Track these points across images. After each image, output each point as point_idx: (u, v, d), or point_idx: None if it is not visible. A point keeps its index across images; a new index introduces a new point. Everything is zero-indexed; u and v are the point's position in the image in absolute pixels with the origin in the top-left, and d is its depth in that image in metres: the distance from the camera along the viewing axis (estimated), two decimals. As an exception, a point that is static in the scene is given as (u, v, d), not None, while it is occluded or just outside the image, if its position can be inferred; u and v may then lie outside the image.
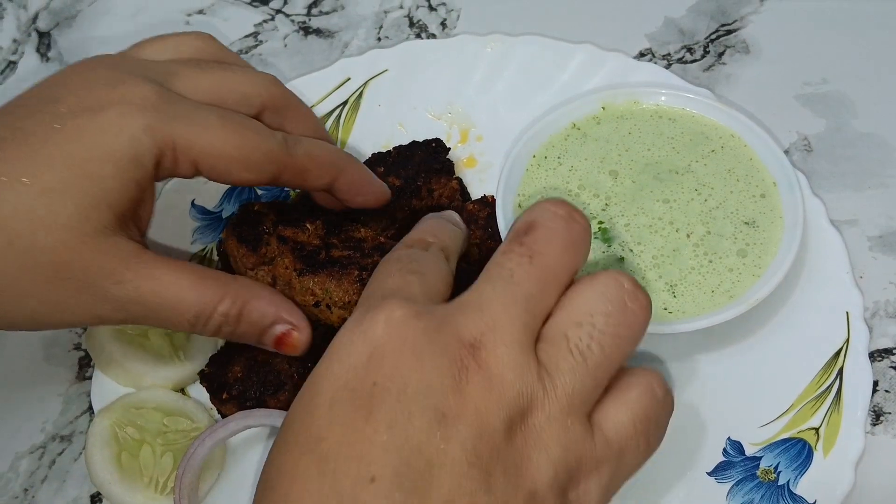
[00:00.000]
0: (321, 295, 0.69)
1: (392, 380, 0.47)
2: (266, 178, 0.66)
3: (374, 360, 0.48)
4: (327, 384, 0.49)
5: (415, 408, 0.45)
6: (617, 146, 0.81)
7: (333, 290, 0.69)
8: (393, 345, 0.48)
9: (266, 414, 0.72)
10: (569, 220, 0.53)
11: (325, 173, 0.69)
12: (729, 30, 0.97)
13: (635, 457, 0.53)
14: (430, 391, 0.46)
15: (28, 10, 1.06)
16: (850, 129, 0.89)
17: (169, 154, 0.61)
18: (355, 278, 0.69)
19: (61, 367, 0.81)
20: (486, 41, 0.92)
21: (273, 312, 0.66)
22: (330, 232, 0.74)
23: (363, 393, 0.47)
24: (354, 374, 0.48)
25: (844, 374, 0.73)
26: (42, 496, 0.75)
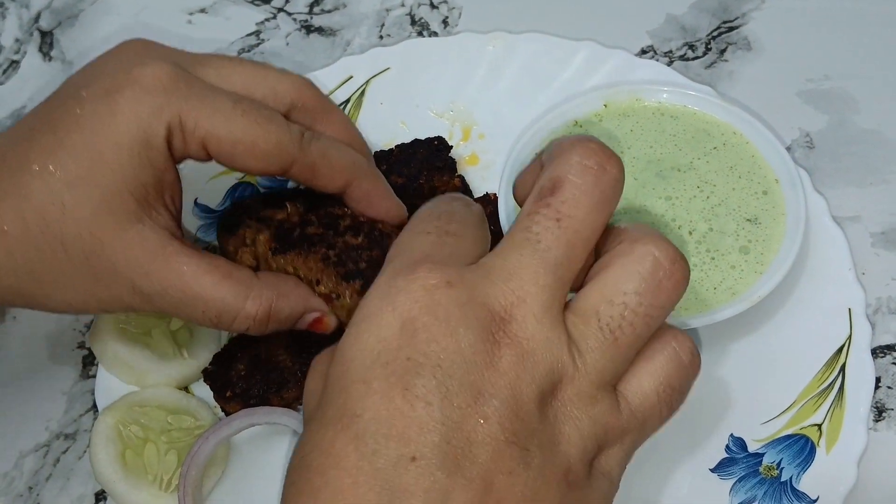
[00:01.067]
0: (293, 273, 0.68)
1: (426, 354, 0.46)
2: (275, 169, 0.65)
3: (406, 331, 0.47)
4: (359, 356, 0.48)
5: (452, 384, 0.45)
6: (619, 143, 0.81)
7: (301, 268, 0.68)
8: (425, 316, 0.47)
9: (270, 411, 0.72)
10: (599, 172, 0.50)
11: (337, 176, 0.68)
12: (731, 27, 0.97)
13: (656, 423, 0.54)
14: (465, 366, 0.46)
15: (30, 10, 1.06)
16: (853, 125, 0.89)
17: (178, 133, 0.61)
18: (321, 257, 0.68)
19: (65, 365, 0.81)
20: (488, 39, 0.92)
21: (301, 307, 0.66)
22: (311, 209, 0.72)
23: (397, 367, 0.46)
24: (386, 347, 0.47)
25: (847, 371, 0.73)
26: (46, 494, 0.75)
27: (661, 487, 0.70)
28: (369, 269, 0.67)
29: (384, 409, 0.45)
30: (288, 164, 0.65)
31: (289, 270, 0.68)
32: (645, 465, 0.71)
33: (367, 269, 0.67)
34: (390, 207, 0.71)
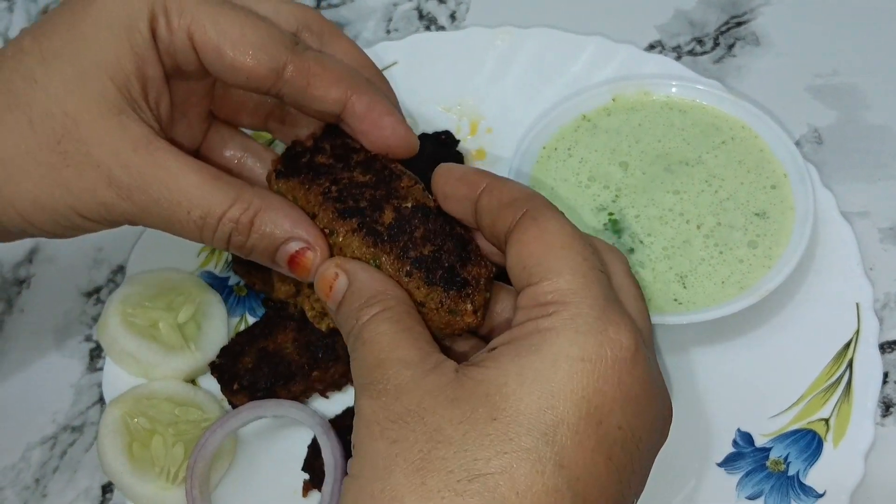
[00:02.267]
0: (291, 201, 0.62)
1: (629, 428, 0.50)
2: (264, 70, 0.59)
3: (623, 400, 0.49)
4: (569, 403, 0.48)
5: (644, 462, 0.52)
6: (627, 137, 0.81)
7: (300, 198, 0.61)
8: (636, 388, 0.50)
9: (277, 404, 0.72)
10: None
11: (334, 86, 0.61)
12: (739, 21, 0.97)
13: None
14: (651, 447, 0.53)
15: (38, 3, 1.06)
16: (862, 120, 0.89)
17: (162, 19, 0.58)
18: (322, 190, 0.61)
19: (72, 357, 0.81)
20: (496, 33, 0.92)
21: (288, 226, 0.59)
22: (325, 138, 0.65)
23: (606, 433, 0.48)
24: (605, 412, 0.48)
25: (854, 366, 0.73)
26: (53, 486, 0.76)
27: (668, 482, 0.70)
28: (370, 208, 0.60)
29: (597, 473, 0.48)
30: (280, 64, 0.59)
31: (288, 197, 0.62)
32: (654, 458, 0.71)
33: (366, 208, 0.60)
34: (396, 126, 0.63)
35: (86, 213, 0.57)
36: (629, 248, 0.74)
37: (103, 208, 0.57)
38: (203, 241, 0.59)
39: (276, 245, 0.59)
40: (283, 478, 0.72)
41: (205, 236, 0.58)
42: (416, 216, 0.59)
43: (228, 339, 0.77)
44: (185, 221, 0.57)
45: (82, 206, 0.57)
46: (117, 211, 0.57)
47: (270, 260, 0.60)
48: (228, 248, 0.60)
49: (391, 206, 0.59)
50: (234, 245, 0.59)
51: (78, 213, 0.57)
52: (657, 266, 0.74)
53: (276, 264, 0.60)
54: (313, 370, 0.73)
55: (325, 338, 0.73)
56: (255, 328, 0.77)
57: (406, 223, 0.58)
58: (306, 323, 0.73)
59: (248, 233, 0.59)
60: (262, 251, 0.60)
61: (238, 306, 0.81)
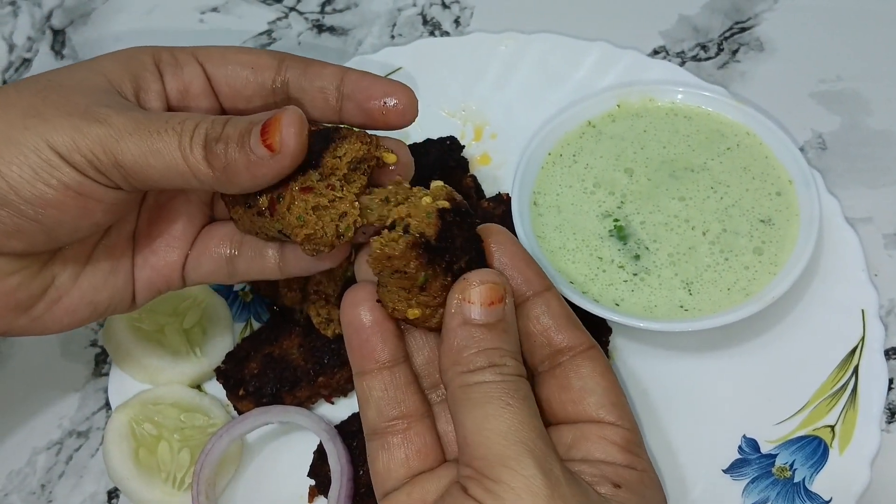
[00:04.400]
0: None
1: None
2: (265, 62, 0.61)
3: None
4: None
5: None
6: (632, 144, 0.81)
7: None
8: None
9: (283, 410, 0.72)
10: None
11: (330, 67, 0.62)
12: (743, 27, 0.97)
13: None
14: None
15: (42, 8, 1.06)
16: (865, 126, 0.89)
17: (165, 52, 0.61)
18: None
19: (78, 363, 0.81)
20: (500, 39, 0.92)
21: (256, 118, 0.57)
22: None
23: None
24: None
25: (860, 372, 0.73)
26: (59, 492, 0.76)
27: (674, 487, 0.70)
28: (312, 159, 0.56)
29: None
30: (279, 56, 0.62)
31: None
32: (658, 465, 0.71)
33: (310, 160, 0.56)
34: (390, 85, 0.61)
35: (58, 144, 0.54)
36: (634, 255, 0.75)
37: (78, 134, 0.54)
38: (183, 157, 0.55)
39: (248, 124, 0.55)
40: (289, 483, 0.72)
41: (183, 145, 0.55)
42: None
43: (234, 345, 0.78)
44: (162, 130, 0.55)
45: (56, 134, 0.54)
46: (92, 135, 0.54)
47: (244, 146, 0.55)
48: (206, 157, 0.55)
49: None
50: (209, 140, 0.55)
51: (50, 144, 0.54)
52: (663, 273, 0.74)
53: (251, 149, 0.55)
54: (319, 376, 0.73)
55: (330, 343, 0.73)
56: (260, 333, 0.77)
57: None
58: (312, 328, 0.73)
59: (223, 125, 0.56)
60: (233, 135, 0.55)
61: (243, 311, 0.81)
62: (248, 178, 0.54)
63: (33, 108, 0.55)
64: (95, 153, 0.54)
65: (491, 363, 0.52)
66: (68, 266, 0.60)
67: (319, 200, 0.55)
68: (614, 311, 0.72)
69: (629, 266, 0.74)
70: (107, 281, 0.62)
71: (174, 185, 0.55)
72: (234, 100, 0.62)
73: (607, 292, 0.73)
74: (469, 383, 0.52)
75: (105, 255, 0.62)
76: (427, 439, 0.56)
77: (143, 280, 0.63)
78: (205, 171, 0.55)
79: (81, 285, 0.61)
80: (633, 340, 0.76)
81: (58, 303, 0.60)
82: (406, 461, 0.55)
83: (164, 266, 0.63)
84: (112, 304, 0.63)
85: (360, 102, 0.61)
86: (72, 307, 0.61)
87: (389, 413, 0.55)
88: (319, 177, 0.56)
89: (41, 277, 0.59)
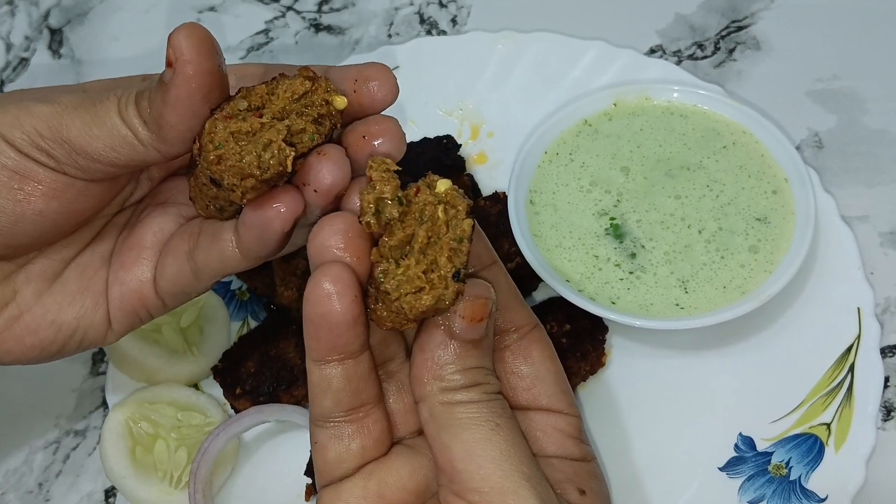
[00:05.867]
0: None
1: None
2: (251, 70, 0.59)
3: None
4: None
5: None
6: (628, 142, 0.81)
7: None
8: None
9: (279, 409, 0.72)
10: None
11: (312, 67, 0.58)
12: (739, 26, 0.97)
13: None
14: None
15: (40, 7, 1.06)
16: (862, 125, 0.89)
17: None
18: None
19: (75, 362, 0.81)
20: (497, 38, 0.92)
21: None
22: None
23: None
24: None
25: (856, 370, 0.73)
26: (56, 490, 0.76)
27: (670, 486, 0.71)
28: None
29: None
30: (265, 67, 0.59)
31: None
32: (654, 463, 0.71)
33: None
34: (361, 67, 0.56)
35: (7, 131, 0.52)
36: (630, 253, 0.75)
37: (23, 112, 0.52)
38: (124, 120, 0.52)
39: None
40: (286, 482, 0.72)
41: (122, 105, 0.52)
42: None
43: (231, 344, 0.78)
44: (105, 100, 0.52)
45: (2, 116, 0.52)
46: (37, 113, 0.52)
47: (162, 84, 0.52)
48: (138, 110, 0.53)
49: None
50: (140, 92, 0.53)
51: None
52: (658, 271, 0.74)
53: (164, 77, 0.52)
54: (316, 375, 0.73)
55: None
56: (257, 332, 0.77)
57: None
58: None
59: (151, 79, 0.54)
60: (159, 77, 0.52)
61: (240, 310, 0.81)
62: (170, 114, 0.50)
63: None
64: (39, 130, 0.52)
65: (474, 382, 0.50)
66: (32, 282, 0.58)
67: (241, 126, 0.50)
68: (610, 309, 0.72)
69: (625, 264, 0.74)
70: (73, 300, 0.59)
71: (121, 157, 0.53)
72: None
73: (603, 290, 0.74)
74: (452, 402, 0.50)
75: (76, 273, 0.59)
76: (383, 426, 0.53)
77: (115, 299, 0.60)
78: (141, 127, 0.52)
79: (45, 302, 0.59)
80: (629, 339, 0.76)
81: (19, 320, 0.58)
82: (361, 451, 0.52)
83: (132, 279, 0.59)
84: (81, 327, 0.59)
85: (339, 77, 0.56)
86: (34, 325, 0.58)
87: (347, 403, 0.51)
88: (248, 106, 0.51)
89: (1, 289, 0.57)
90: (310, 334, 0.50)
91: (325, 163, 0.51)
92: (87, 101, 0.53)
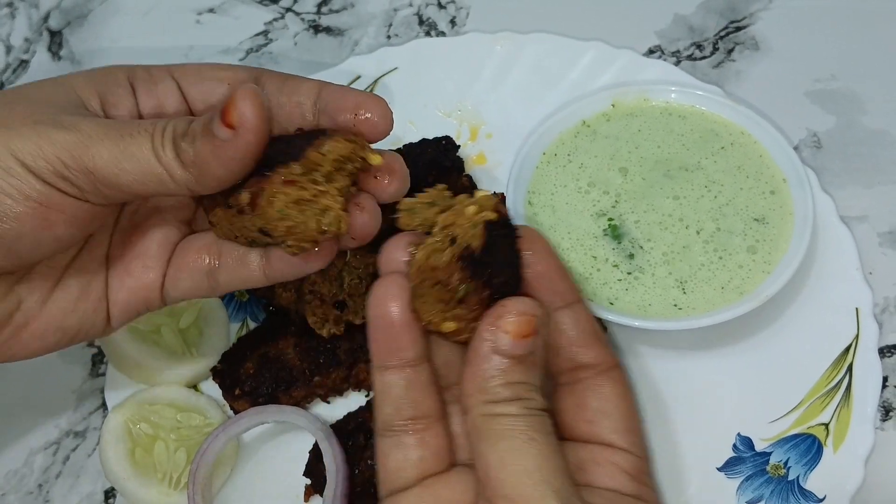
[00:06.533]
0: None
1: None
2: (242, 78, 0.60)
3: None
4: None
5: None
6: (627, 143, 0.81)
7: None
8: None
9: (278, 410, 0.72)
10: None
11: (307, 82, 0.60)
12: (738, 26, 0.97)
13: None
14: None
15: (40, 9, 1.07)
16: (860, 125, 0.89)
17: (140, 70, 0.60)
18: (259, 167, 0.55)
19: (75, 363, 0.81)
20: (496, 39, 0.92)
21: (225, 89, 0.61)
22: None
23: None
24: None
25: (854, 370, 0.73)
26: (56, 492, 0.76)
27: (668, 486, 0.70)
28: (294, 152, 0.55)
29: None
30: (255, 72, 0.61)
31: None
32: (653, 463, 0.71)
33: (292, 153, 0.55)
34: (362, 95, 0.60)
35: (23, 152, 0.52)
36: (629, 254, 0.75)
37: (45, 141, 0.52)
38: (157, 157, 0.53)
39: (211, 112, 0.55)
40: (285, 483, 0.73)
41: (156, 146, 0.53)
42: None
43: (230, 345, 0.78)
44: (134, 132, 0.53)
45: (20, 141, 0.52)
46: (60, 142, 0.52)
47: (209, 134, 0.53)
48: (178, 156, 0.53)
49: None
50: (177, 136, 0.54)
51: (13, 152, 0.52)
52: (657, 271, 0.74)
53: (215, 133, 0.53)
54: (314, 375, 0.73)
55: (326, 343, 0.74)
56: (256, 333, 0.77)
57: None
58: (308, 328, 0.73)
59: (189, 120, 0.55)
60: (199, 126, 0.54)
61: (239, 312, 0.81)
62: (218, 166, 0.52)
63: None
64: (63, 160, 0.52)
65: (517, 396, 0.51)
66: (35, 291, 0.59)
67: (301, 194, 0.53)
68: (609, 309, 0.72)
69: (623, 265, 0.75)
70: (76, 306, 0.60)
71: (149, 190, 0.54)
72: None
73: (601, 291, 0.74)
74: (493, 413, 0.51)
75: (75, 278, 0.60)
76: (443, 442, 0.55)
77: (120, 303, 0.61)
78: (179, 169, 0.53)
79: (49, 309, 0.59)
80: (628, 339, 0.76)
81: (25, 328, 0.59)
82: (419, 462, 0.54)
83: (140, 288, 0.61)
84: (83, 329, 0.61)
85: (332, 115, 0.59)
86: (39, 332, 0.59)
87: (407, 412, 0.54)
88: (302, 171, 0.54)
89: (7, 301, 0.58)
90: (371, 338, 0.55)
91: (364, 216, 0.57)
92: (114, 131, 0.53)
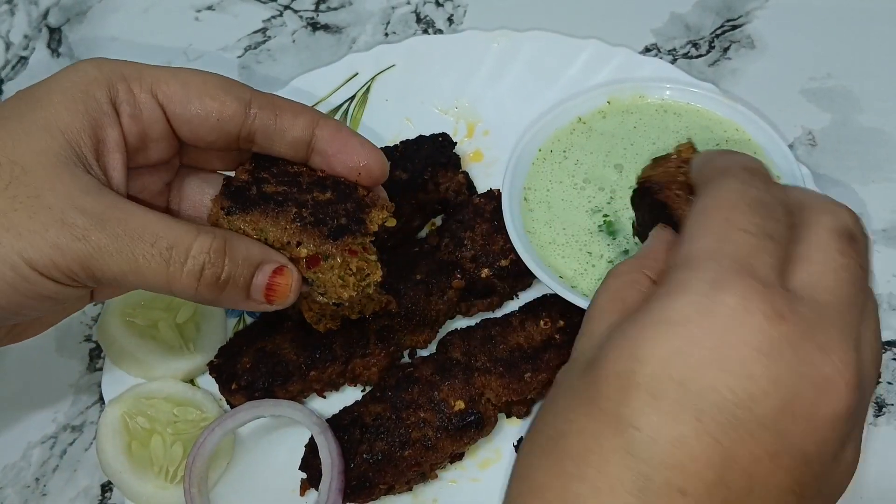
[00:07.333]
0: (254, 236, 0.61)
1: (735, 392, 0.43)
2: (232, 107, 0.61)
3: (718, 358, 0.43)
4: (653, 362, 0.44)
5: (754, 429, 0.43)
6: (622, 140, 0.81)
7: (270, 229, 0.61)
8: (746, 349, 0.43)
9: (274, 404, 0.73)
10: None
11: (301, 115, 0.63)
12: (734, 25, 0.98)
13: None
14: (778, 419, 0.43)
15: (39, 6, 1.07)
16: (855, 123, 0.90)
17: (121, 84, 0.59)
18: (293, 216, 0.61)
19: (72, 358, 0.81)
20: (493, 36, 0.93)
21: (258, 253, 0.59)
22: (260, 167, 0.65)
23: (695, 393, 0.43)
24: (689, 366, 0.43)
25: (847, 366, 0.73)
26: (53, 485, 0.76)
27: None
28: (352, 223, 0.62)
29: (667, 433, 0.43)
30: (245, 100, 0.61)
31: (250, 233, 0.61)
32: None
33: (349, 224, 0.62)
34: (366, 144, 0.65)
35: (36, 261, 0.53)
36: (624, 250, 0.75)
37: (56, 252, 0.53)
38: (169, 283, 0.56)
39: (254, 268, 0.59)
40: (281, 477, 0.73)
41: (172, 272, 0.56)
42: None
43: (227, 340, 0.78)
44: (149, 256, 0.55)
45: (33, 251, 0.53)
46: (71, 254, 0.54)
47: (245, 292, 0.59)
48: (197, 289, 0.57)
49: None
50: (206, 280, 0.57)
51: (28, 261, 0.53)
52: (651, 267, 0.74)
53: (251, 297, 0.59)
54: (311, 370, 0.74)
55: (322, 338, 0.74)
56: (253, 328, 0.78)
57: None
58: (304, 323, 0.74)
59: (223, 261, 0.57)
60: (237, 279, 0.58)
61: (236, 307, 0.82)
62: (237, 307, 0.61)
63: (4, 218, 0.54)
64: (73, 269, 0.55)
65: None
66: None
67: (360, 264, 0.61)
68: (603, 305, 0.72)
69: (618, 261, 0.75)
70: (66, 310, 0.67)
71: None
72: (195, 141, 0.63)
73: (597, 287, 0.74)
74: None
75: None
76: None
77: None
78: (191, 292, 0.57)
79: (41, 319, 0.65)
80: (623, 335, 0.77)
81: (21, 333, 0.64)
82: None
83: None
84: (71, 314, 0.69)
85: (329, 160, 0.64)
86: (35, 331, 0.65)
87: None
88: (361, 241, 0.62)
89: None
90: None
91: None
92: (126, 247, 0.55)
